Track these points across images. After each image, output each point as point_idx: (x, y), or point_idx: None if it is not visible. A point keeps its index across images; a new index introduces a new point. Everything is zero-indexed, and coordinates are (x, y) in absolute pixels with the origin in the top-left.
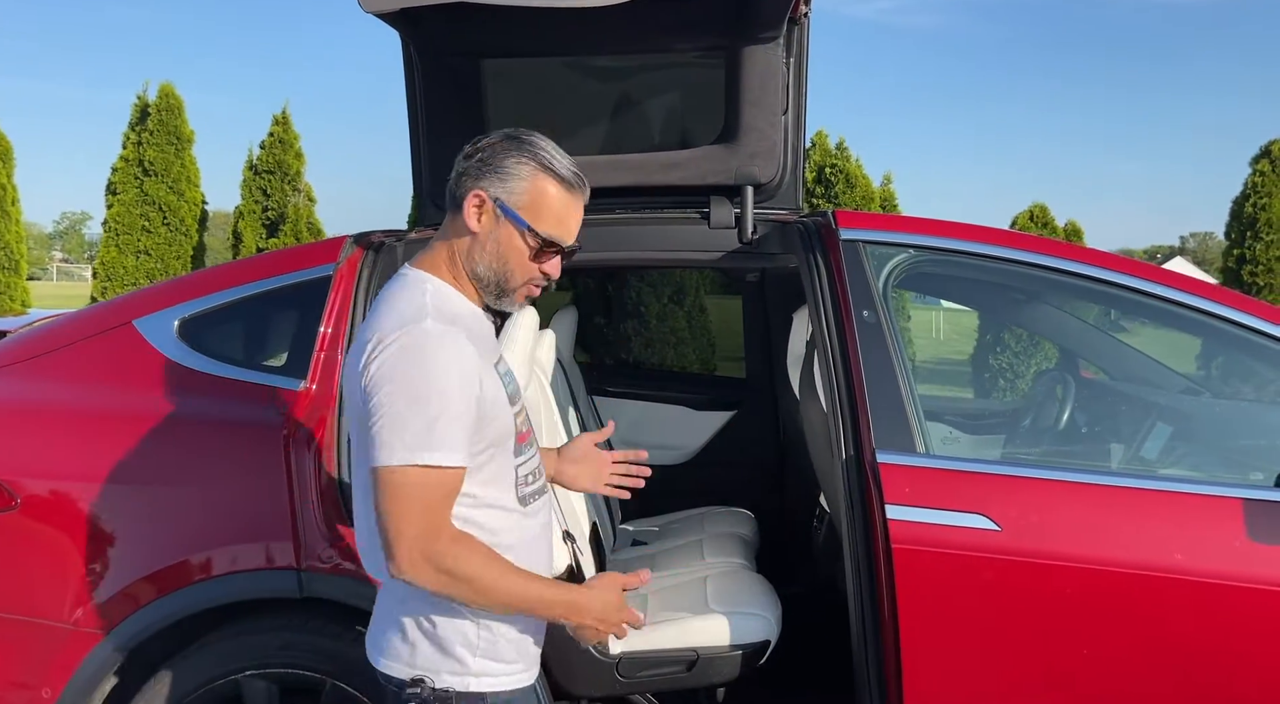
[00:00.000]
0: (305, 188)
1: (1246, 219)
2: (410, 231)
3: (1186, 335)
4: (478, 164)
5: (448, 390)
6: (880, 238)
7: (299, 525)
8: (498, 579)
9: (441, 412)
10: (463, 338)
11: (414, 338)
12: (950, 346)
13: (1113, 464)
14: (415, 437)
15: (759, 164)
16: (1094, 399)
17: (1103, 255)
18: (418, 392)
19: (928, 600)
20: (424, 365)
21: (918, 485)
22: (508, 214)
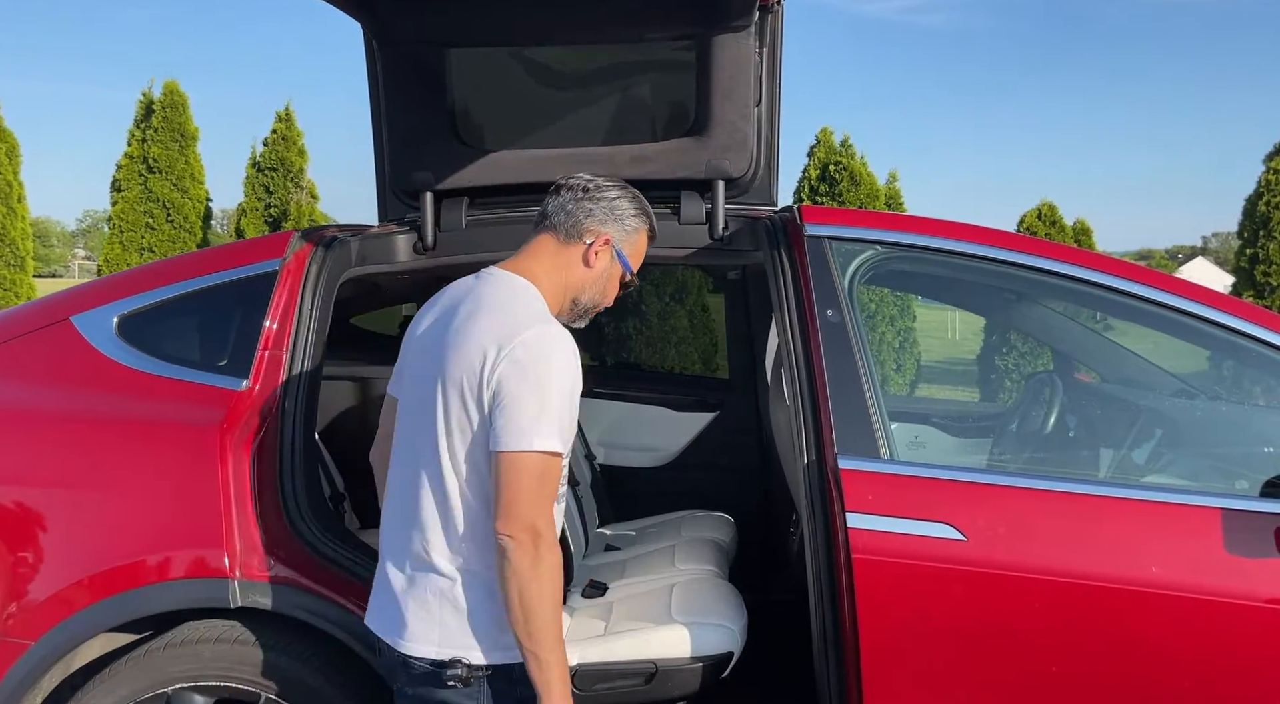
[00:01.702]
0: (308, 185)
1: (1260, 218)
2: (368, 227)
3: (1160, 333)
4: (604, 210)
5: (572, 389)
6: (846, 234)
7: (234, 532)
8: (551, 602)
9: (563, 406)
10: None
11: (546, 339)
12: (962, 347)
13: (1099, 470)
14: (544, 426)
15: (730, 157)
16: (1082, 403)
17: (1075, 252)
18: (547, 387)
19: (889, 613)
20: (553, 365)
21: (880, 493)
22: (621, 259)
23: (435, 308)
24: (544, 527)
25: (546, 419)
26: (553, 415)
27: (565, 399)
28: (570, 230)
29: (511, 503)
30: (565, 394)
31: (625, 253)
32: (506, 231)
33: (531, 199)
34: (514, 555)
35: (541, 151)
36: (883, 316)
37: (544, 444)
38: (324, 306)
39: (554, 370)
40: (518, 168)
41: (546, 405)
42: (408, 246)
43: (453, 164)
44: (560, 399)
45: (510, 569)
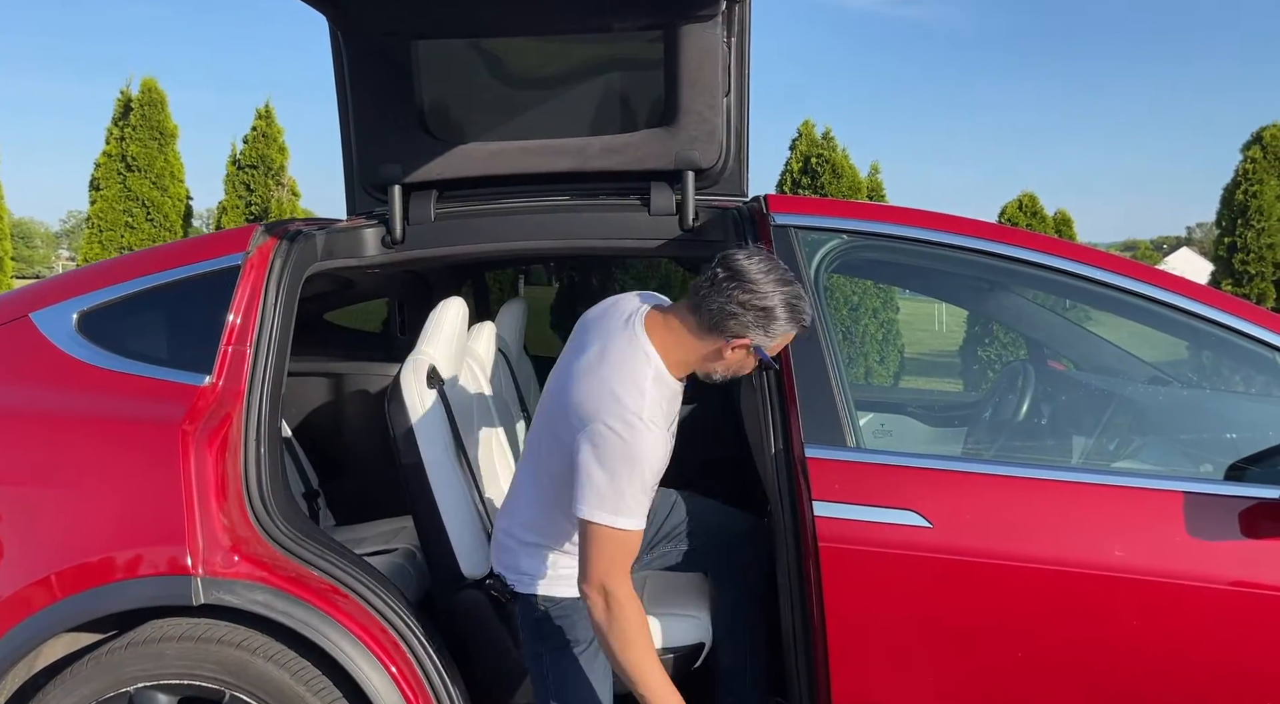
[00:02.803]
0: (289, 182)
1: (1238, 206)
2: (336, 221)
3: (1126, 319)
4: (755, 316)
5: (645, 476)
6: (813, 223)
7: (196, 529)
8: (632, 649)
9: (635, 490)
10: (662, 433)
11: (631, 431)
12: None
13: (1069, 456)
14: (612, 502)
15: (699, 148)
16: (1054, 390)
17: (1042, 239)
18: (617, 473)
19: (856, 601)
20: (628, 454)
21: (847, 481)
22: (759, 353)
23: (594, 322)
24: (615, 586)
25: (614, 498)
26: (623, 496)
27: (638, 484)
28: (713, 323)
29: (585, 563)
30: (638, 480)
31: (769, 350)
32: (476, 225)
33: (501, 191)
34: (591, 612)
35: (510, 143)
36: (866, 308)
37: (611, 521)
38: (289, 301)
39: (626, 459)
40: (486, 160)
41: (617, 486)
42: (376, 240)
43: (420, 157)
44: (630, 484)
45: (593, 623)
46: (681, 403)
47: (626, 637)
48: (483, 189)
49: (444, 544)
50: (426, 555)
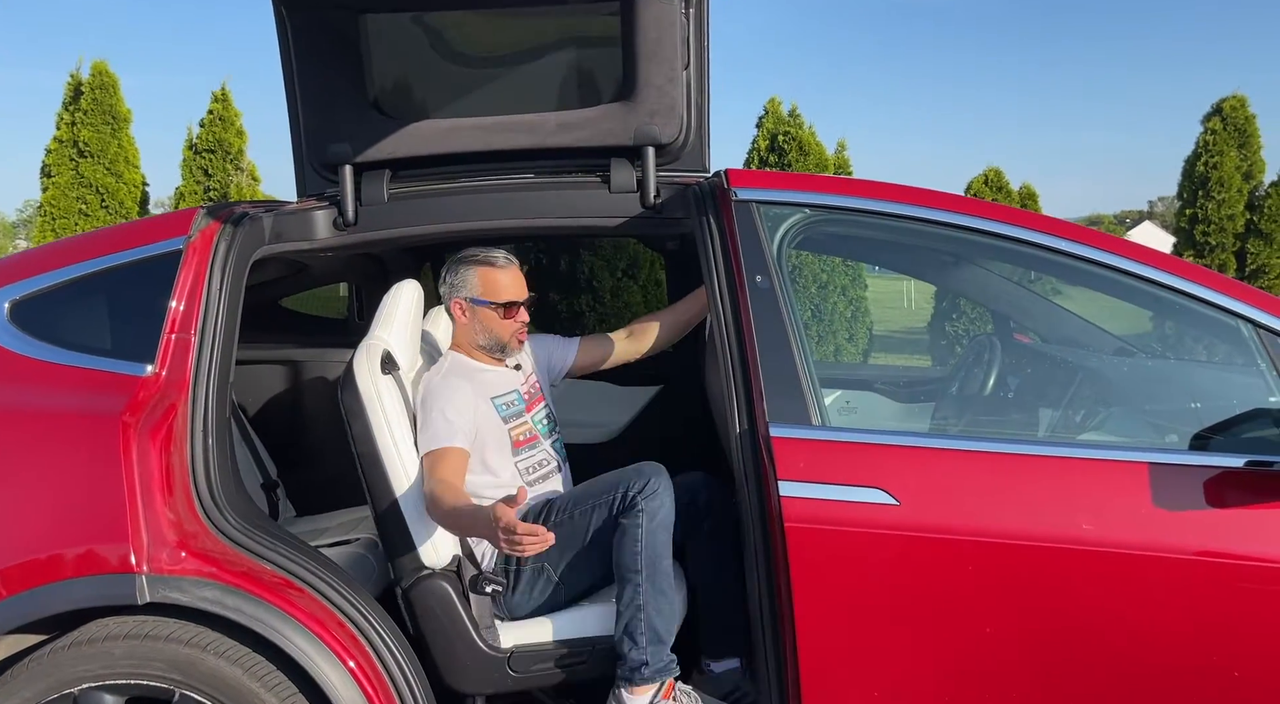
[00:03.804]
0: (249, 166)
1: (1198, 178)
2: (285, 203)
3: (1101, 294)
4: (446, 287)
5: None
6: (775, 197)
7: (140, 525)
8: (446, 507)
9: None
10: (460, 383)
11: (432, 384)
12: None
13: (1036, 429)
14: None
15: (659, 122)
16: (1020, 364)
17: (1008, 211)
18: (428, 414)
19: (823, 582)
20: (432, 399)
21: (812, 459)
22: (477, 303)
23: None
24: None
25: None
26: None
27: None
28: (449, 313)
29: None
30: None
31: (479, 295)
32: (432, 205)
33: (457, 170)
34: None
35: (465, 121)
36: (834, 286)
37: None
38: (235, 286)
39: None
40: (440, 138)
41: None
42: (328, 223)
43: (372, 136)
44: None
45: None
46: (648, 385)
47: (435, 506)
48: (438, 168)
49: (403, 533)
50: (385, 545)
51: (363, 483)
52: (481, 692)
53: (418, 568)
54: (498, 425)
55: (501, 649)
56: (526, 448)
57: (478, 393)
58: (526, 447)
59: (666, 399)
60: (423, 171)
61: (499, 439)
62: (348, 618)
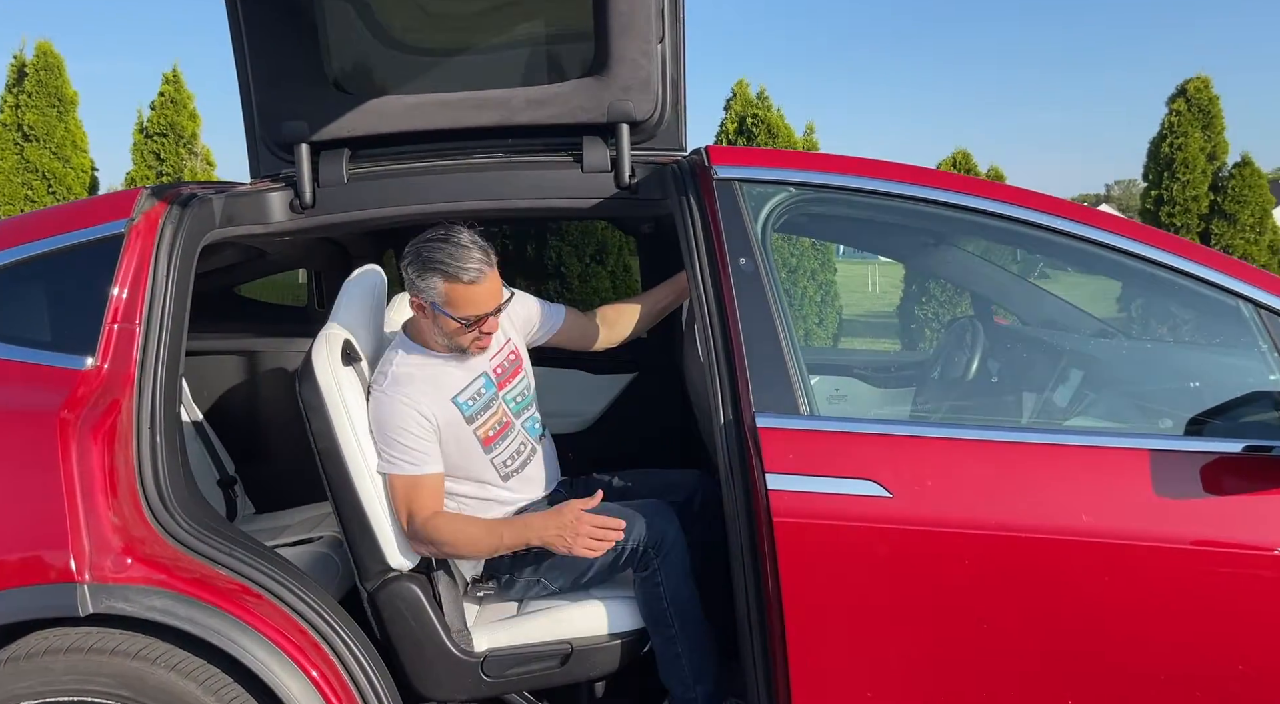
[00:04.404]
0: (203, 151)
1: (1164, 159)
2: (236, 185)
3: (1101, 276)
4: (408, 280)
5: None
6: (758, 175)
7: (82, 531)
8: (475, 539)
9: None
10: (411, 395)
11: (384, 394)
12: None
13: (1023, 415)
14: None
15: (634, 98)
16: (1004, 346)
17: (1008, 190)
18: (385, 430)
19: (814, 578)
20: (386, 412)
21: (801, 451)
22: (438, 310)
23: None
24: (418, 523)
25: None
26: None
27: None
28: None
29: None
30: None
31: (442, 305)
32: (394, 186)
33: (420, 149)
34: (423, 552)
35: (429, 97)
36: (804, 270)
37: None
38: (183, 273)
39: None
40: (402, 115)
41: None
42: (283, 205)
43: (329, 112)
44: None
45: (434, 556)
46: (623, 373)
47: (459, 545)
48: (400, 147)
49: (367, 533)
50: (350, 546)
51: (324, 481)
52: (454, 698)
53: (384, 570)
54: (463, 429)
55: (475, 653)
56: (499, 440)
57: (437, 397)
58: (499, 439)
59: (642, 387)
60: (384, 151)
61: (466, 444)
62: (309, 624)
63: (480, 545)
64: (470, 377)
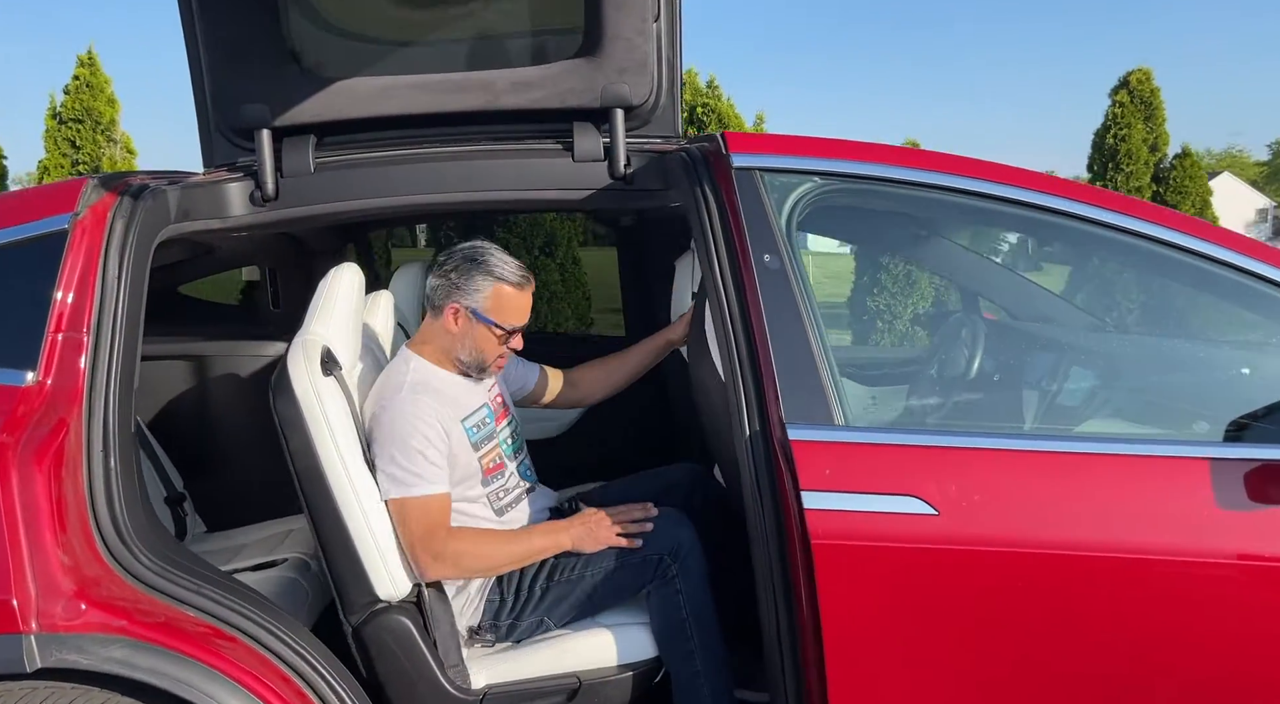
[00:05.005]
0: (122, 138)
1: (1108, 150)
2: (190, 174)
3: (1156, 274)
4: (448, 285)
5: (424, 440)
6: (781, 164)
7: (26, 572)
8: (497, 551)
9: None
10: (429, 406)
11: (395, 404)
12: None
13: (1064, 422)
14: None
15: (629, 81)
16: (1010, 345)
17: (1065, 185)
18: (396, 446)
19: (855, 604)
20: (401, 425)
21: (838, 465)
22: (479, 317)
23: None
24: (440, 545)
25: (400, 473)
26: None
27: (423, 448)
28: (432, 303)
29: (406, 545)
30: (421, 444)
31: (485, 312)
32: (367, 176)
33: (395, 136)
34: (446, 575)
35: (403, 78)
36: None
37: (406, 492)
38: (136, 273)
39: (405, 427)
40: (374, 98)
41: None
42: (243, 197)
43: (293, 95)
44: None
45: (454, 578)
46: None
47: (483, 558)
48: (372, 134)
49: (353, 561)
50: (332, 574)
51: (302, 504)
52: None
53: (371, 602)
54: (469, 455)
55: (472, 691)
56: (495, 475)
57: (449, 417)
58: (495, 474)
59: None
60: (354, 137)
61: (469, 470)
62: (290, 668)
63: (511, 551)
64: (476, 403)
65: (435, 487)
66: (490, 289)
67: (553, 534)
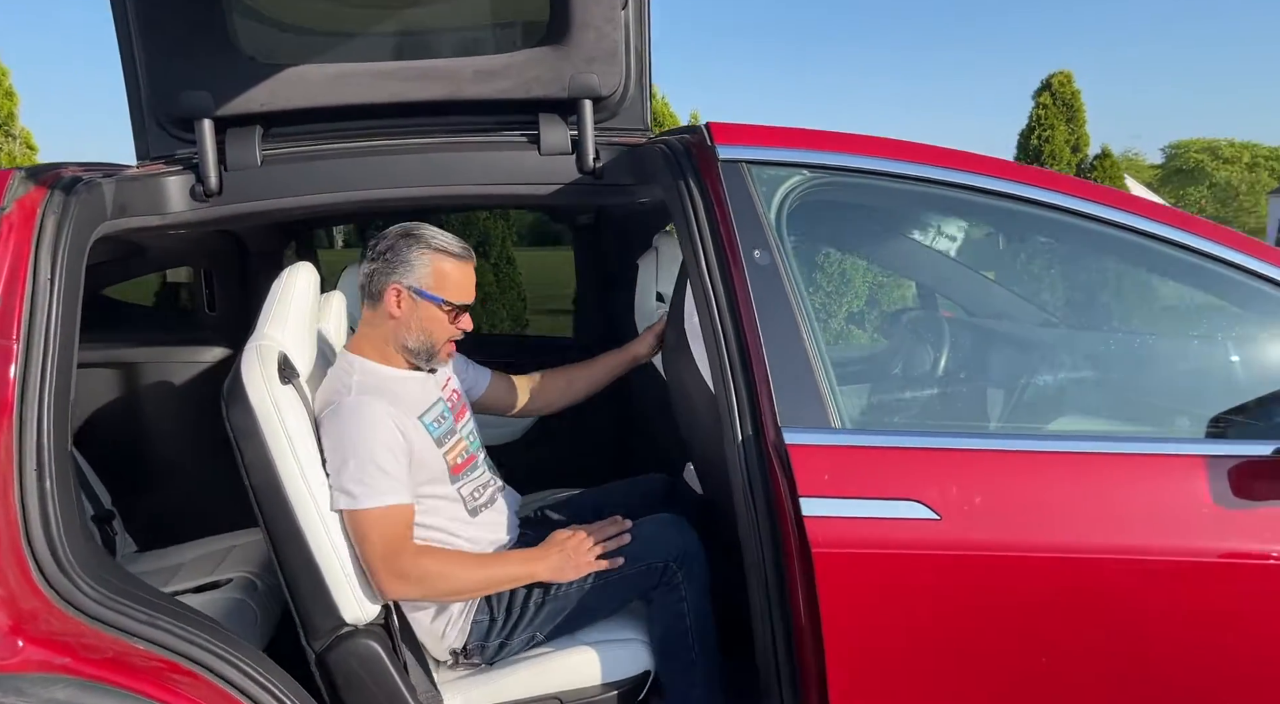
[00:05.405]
0: (22, 133)
1: (1032, 151)
2: (128, 167)
3: (1158, 274)
4: (385, 266)
5: (379, 446)
6: (770, 156)
7: None
8: (470, 573)
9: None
10: (379, 409)
11: (344, 408)
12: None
13: (1044, 421)
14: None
15: (598, 71)
16: (973, 342)
17: (1071, 182)
18: (349, 453)
19: (858, 615)
20: (352, 430)
21: (837, 470)
22: (422, 295)
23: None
24: (406, 563)
25: (357, 480)
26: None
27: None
28: (371, 293)
29: (365, 562)
30: (372, 450)
31: (427, 288)
32: (317, 169)
33: (350, 127)
34: (409, 596)
35: (358, 66)
36: None
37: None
38: (71, 274)
39: (355, 433)
40: (327, 86)
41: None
42: (184, 192)
43: (237, 82)
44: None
45: (422, 599)
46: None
47: (450, 580)
48: (323, 125)
49: (316, 583)
50: (293, 597)
51: (259, 521)
52: None
53: (336, 626)
54: (432, 453)
55: None
56: (466, 471)
57: (403, 414)
58: (466, 470)
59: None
60: (305, 129)
61: (436, 469)
62: (254, 702)
63: (480, 577)
64: (431, 398)
65: (392, 497)
66: (430, 263)
67: (527, 563)
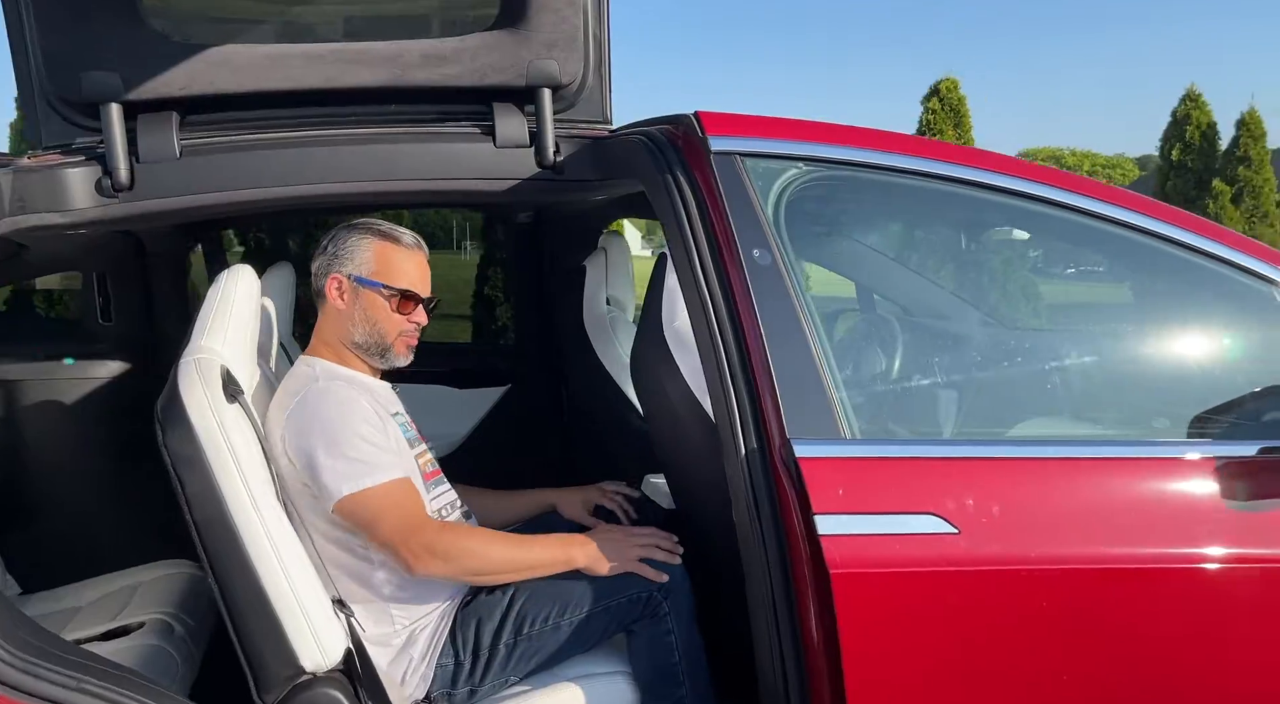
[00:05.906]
0: None
1: None
2: (22, 156)
3: (1167, 274)
4: (326, 259)
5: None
6: (764, 148)
7: None
8: (500, 552)
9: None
10: (351, 391)
11: (312, 393)
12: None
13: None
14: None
15: (559, 56)
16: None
17: (1072, 178)
18: (335, 433)
19: (879, 639)
20: (330, 410)
21: (851, 484)
22: (364, 283)
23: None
24: (430, 537)
25: (356, 461)
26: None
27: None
28: (315, 289)
29: (385, 540)
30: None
31: (369, 274)
32: (244, 162)
33: (281, 116)
34: (434, 573)
35: (294, 47)
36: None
37: (372, 481)
38: None
39: (335, 414)
40: (256, 69)
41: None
42: (88, 186)
43: (150, 62)
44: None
45: (447, 578)
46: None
47: (482, 558)
48: (250, 112)
49: (271, 626)
50: (242, 644)
51: (203, 559)
52: None
53: (293, 674)
54: (407, 452)
55: None
56: (435, 482)
57: (378, 404)
58: (435, 481)
59: (515, 401)
60: (229, 116)
61: (411, 469)
62: None
63: (513, 557)
64: (395, 406)
65: (395, 470)
66: (372, 249)
67: (566, 547)
